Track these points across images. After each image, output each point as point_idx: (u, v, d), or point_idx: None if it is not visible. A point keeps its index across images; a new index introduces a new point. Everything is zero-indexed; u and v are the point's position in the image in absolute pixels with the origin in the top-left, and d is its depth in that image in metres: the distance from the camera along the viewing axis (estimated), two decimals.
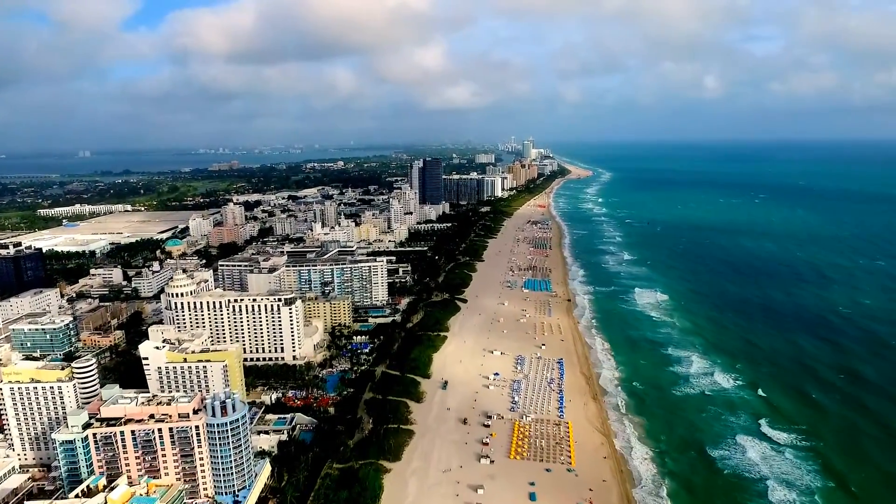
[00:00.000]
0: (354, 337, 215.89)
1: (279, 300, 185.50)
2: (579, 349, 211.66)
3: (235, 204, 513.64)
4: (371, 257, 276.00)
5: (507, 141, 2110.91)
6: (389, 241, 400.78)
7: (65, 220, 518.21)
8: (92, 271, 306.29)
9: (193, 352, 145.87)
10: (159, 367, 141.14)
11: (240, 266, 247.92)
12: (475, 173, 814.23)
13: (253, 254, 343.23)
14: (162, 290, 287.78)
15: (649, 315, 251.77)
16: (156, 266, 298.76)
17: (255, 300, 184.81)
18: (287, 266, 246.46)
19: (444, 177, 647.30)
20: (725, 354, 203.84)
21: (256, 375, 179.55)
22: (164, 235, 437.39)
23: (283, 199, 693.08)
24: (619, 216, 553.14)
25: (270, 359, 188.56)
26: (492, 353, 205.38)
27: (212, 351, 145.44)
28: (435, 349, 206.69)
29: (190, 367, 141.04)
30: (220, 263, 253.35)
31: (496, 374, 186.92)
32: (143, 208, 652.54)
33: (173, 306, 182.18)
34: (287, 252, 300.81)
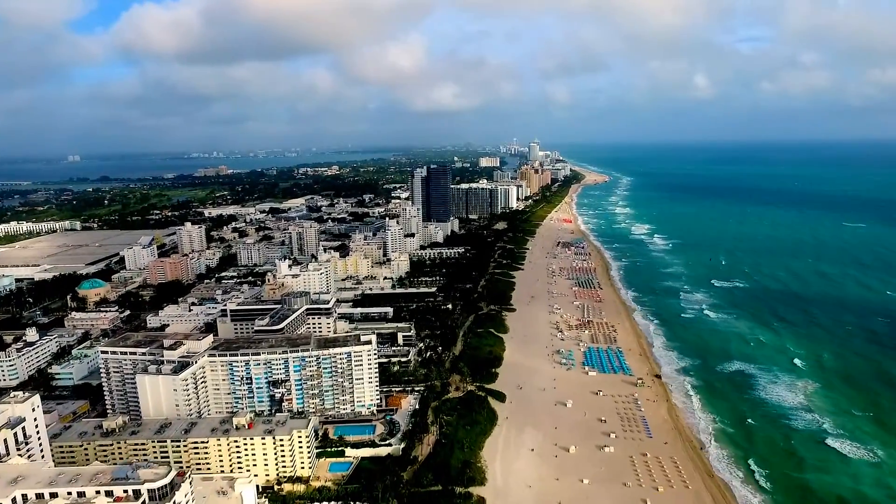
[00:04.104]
0: None
1: (143, 493, 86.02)
2: None
3: (195, 224, 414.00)
4: (354, 334, 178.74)
5: (510, 143, 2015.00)
6: (385, 277, 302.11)
7: None
8: None
9: None
10: None
11: (134, 355, 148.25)
12: (484, 180, 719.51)
13: (193, 303, 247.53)
14: (34, 377, 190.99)
15: (808, 425, 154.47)
16: (31, 333, 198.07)
17: (82, 497, 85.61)
18: (212, 355, 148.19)
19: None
20: None
21: None
22: (94, 269, 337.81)
23: (264, 212, 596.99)
24: (663, 234, 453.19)
25: None
26: None
27: None
28: None
29: None
30: (101, 349, 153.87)
31: None
32: (96, 225, 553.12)
33: None
34: (231, 311, 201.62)
